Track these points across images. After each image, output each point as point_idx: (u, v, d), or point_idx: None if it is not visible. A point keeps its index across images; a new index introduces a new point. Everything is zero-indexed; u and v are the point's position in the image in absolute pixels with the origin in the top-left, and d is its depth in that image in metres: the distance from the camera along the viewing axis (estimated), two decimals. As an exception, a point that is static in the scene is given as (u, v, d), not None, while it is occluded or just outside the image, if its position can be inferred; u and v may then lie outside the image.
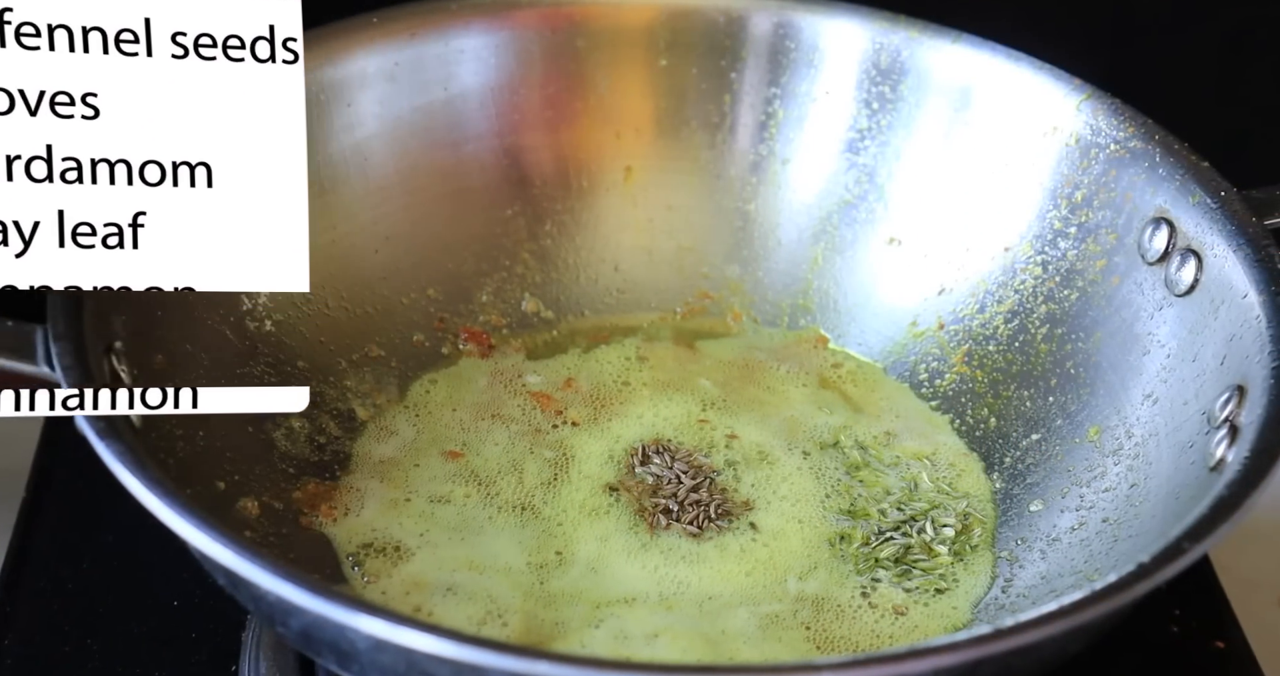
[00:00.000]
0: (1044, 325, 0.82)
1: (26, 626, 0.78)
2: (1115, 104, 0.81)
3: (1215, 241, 0.74)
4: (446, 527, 0.75)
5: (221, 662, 0.76)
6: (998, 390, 0.83)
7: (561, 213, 0.90)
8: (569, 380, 0.84)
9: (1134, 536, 0.70)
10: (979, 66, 0.85)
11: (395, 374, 0.84)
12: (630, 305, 0.90)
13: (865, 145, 0.88)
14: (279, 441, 0.77)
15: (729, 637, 0.70)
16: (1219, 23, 1.01)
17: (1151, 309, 0.77)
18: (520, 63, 0.87)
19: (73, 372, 0.61)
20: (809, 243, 0.90)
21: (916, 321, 0.87)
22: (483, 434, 0.81)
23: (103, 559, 0.81)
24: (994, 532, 0.78)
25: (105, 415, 0.60)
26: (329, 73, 0.82)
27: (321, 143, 0.82)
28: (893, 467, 0.80)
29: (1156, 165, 0.78)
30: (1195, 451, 0.70)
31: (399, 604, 0.71)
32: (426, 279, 0.86)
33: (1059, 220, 0.82)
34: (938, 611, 0.73)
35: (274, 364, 0.79)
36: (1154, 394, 0.75)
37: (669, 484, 0.78)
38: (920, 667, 0.55)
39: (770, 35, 0.88)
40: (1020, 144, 0.84)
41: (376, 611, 0.54)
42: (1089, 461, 0.77)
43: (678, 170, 0.90)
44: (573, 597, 0.72)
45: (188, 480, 0.66)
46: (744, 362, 0.87)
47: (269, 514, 0.73)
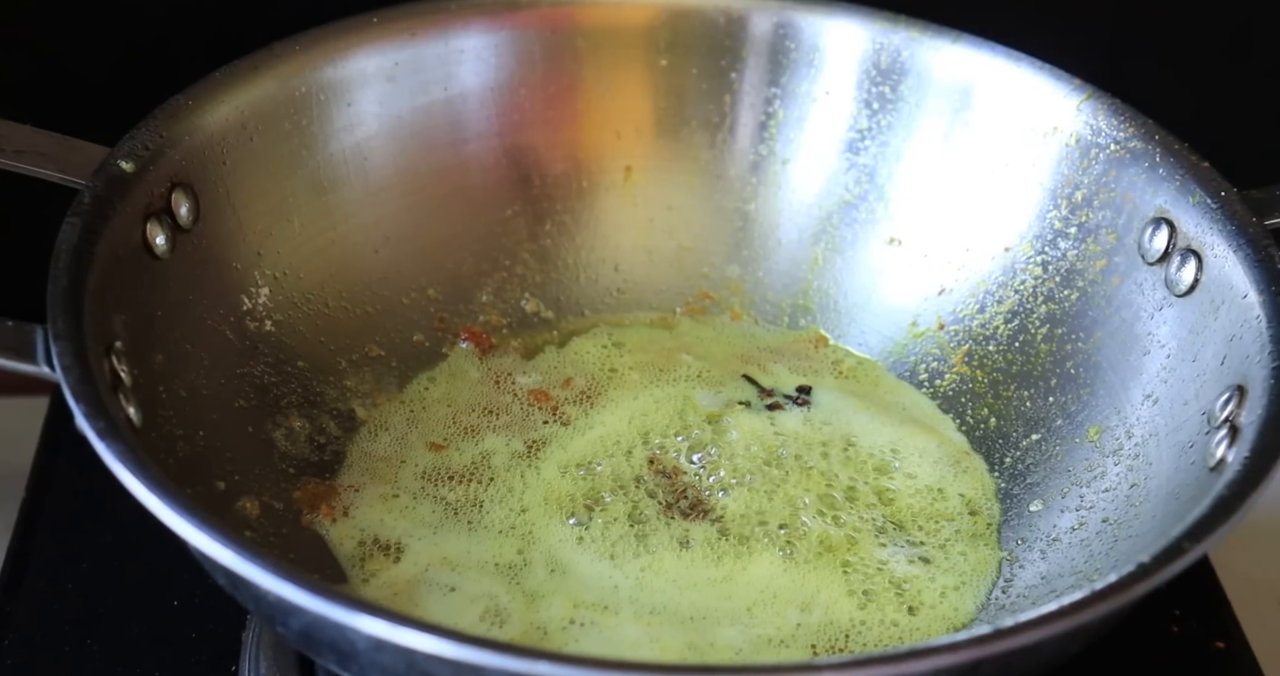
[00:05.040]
0: (1044, 325, 0.82)
1: (26, 626, 0.78)
2: (1115, 104, 0.81)
3: (1215, 241, 0.74)
4: (445, 527, 0.75)
5: (221, 662, 0.76)
6: (998, 390, 0.83)
7: (561, 213, 0.90)
8: (568, 379, 0.84)
9: (1134, 536, 0.71)
10: (979, 66, 0.85)
11: (395, 374, 0.84)
12: (630, 305, 0.90)
13: (865, 145, 0.88)
14: (279, 441, 0.77)
15: (717, 648, 0.70)
16: (1219, 23, 1.00)
17: (1151, 309, 0.77)
18: (520, 63, 0.87)
19: (73, 372, 0.61)
20: (809, 243, 0.90)
21: (916, 321, 0.87)
22: (479, 432, 0.81)
23: (103, 559, 0.81)
24: (995, 532, 0.78)
25: (105, 415, 0.60)
26: (329, 73, 0.82)
27: (321, 143, 0.82)
28: (893, 467, 0.80)
29: (1156, 165, 0.78)
30: (1195, 451, 0.70)
31: (399, 603, 0.71)
32: (426, 279, 0.86)
33: (1059, 220, 0.82)
34: (938, 612, 0.73)
35: (274, 364, 0.79)
36: (1154, 394, 0.75)
37: (663, 482, 0.78)
38: (920, 667, 0.55)
39: (770, 35, 0.88)
40: (1020, 144, 0.84)
41: (376, 611, 0.54)
42: (1089, 461, 0.77)
43: (678, 170, 0.90)
44: (567, 596, 0.72)
45: (188, 480, 0.66)
46: (742, 357, 0.87)
47: (269, 514, 0.73)
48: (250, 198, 0.79)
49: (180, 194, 0.74)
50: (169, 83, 0.77)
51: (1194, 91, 1.02)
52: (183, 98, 0.76)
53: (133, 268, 0.70)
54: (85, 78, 0.95)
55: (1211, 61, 1.02)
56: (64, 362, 0.62)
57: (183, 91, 0.76)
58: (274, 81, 0.80)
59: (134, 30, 0.94)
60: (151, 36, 0.94)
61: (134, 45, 0.94)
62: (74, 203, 0.69)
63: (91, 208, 0.69)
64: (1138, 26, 1.00)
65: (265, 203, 0.80)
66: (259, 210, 0.79)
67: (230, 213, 0.78)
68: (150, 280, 0.72)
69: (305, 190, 0.82)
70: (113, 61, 0.95)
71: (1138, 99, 0.81)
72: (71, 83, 0.94)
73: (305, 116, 0.81)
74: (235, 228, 0.78)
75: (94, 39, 0.94)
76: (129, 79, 0.94)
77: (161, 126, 0.74)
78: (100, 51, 0.95)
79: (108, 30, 0.94)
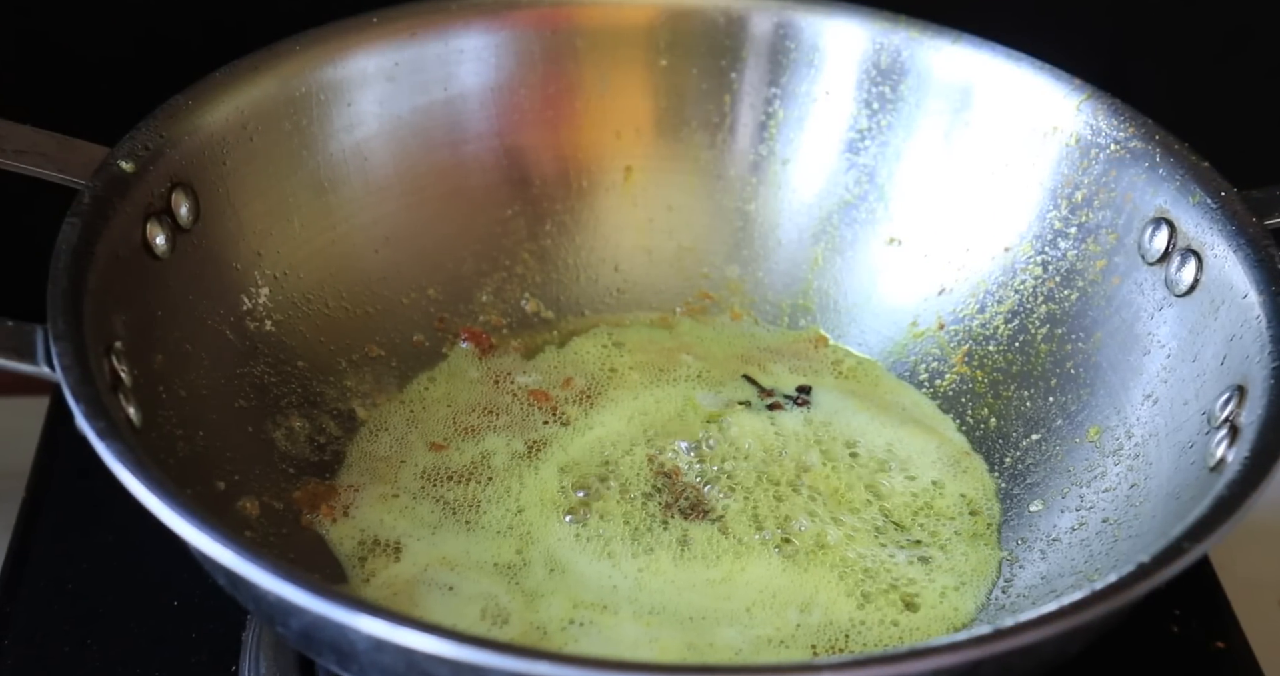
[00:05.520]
0: (1044, 325, 0.82)
1: (26, 626, 0.78)
2: (1115, 104, 0.81)
3: (1215, 241, 0.74)
4: (444, 527, 0.75)
5: (221, 662, 0.76)
6: (998, 390, 0.83)
7: (561, 213, 0.90)
8: (568, 379, 0.84)
9: (1134, 536, 0.71)
10: (979, 66, 0.85)
11: (395, 374, 0.84)
12: (630, 305, 0.90)
13: (865, 145, 0.88)
14: (279, 441, 0.77)
15: (716, 649, 0.70)
16: (1218, 23, 1.01)
17: (1152, 309, 0.77)
18: (520, 63, 0.87)
19: (73, 372, 0.61)
20: (809, 243, 0.90)
21: (916, 321, 0.87)
22: (479, 433, 0.81)
23: (103, 559, 0.81)
24: (995, 532, 0.78)
25: (105, 415, 0.60)
26: (329, 73, 0.82)
27: (321, 143, 0.82)
28: (893, 467, 0.80)
29: (1156, 165, 0.78)
30: (1195, 451, 0.70)
31: (398, 603, 0.71)
32: (426, 279, 0.86)
33: (1059, 220, 0.82)
34: (938, 612, 0.73)
35: (274, 364, 0.79)
36: (1154, 394, 0.75)
37: (662, 482, 0.78)
38: (920, 667, 0.55)
39: (770, 35, 0.88)
40: (1020, 144, 0.84)
41: (376, 611, 0.54)
42: (1089, 461, 0.77)
43: (678, 170, 0.90)
44: (567, 596, 0.72)
45: (188, 480, 0.66)
46: (742, 357, 0.87)
47: (269, 514, 0.73)
48: (250, 198, 0.79)
49: (180, 194, 0.74)
50: (169, 82, 0.77)
51: (1194, 91, 1.02)
52: (183, 98, 0.76)
53: (133, 268, 0.70)
54: (85, 77, 0.95)
55: (1211, 61, 1.02)
56: (64, 362, 0.62)
57: (183, 91, 0.76)
58: (274, 81, 0.80)
59: (134, 30, 0.94)
60: (152, 36, 0.94)
61: (134, 45, 0.95)
62: (74, 203, 0.69)
63: (91, 208, 0.69)
64: (1138, 26, 1.00)
65: (265, 203, 0.80)
66: (259, 210, 0.79)
67: (230, 213, 0.78)
68: (150, 280, 0.72)
69: (305, 190, 0.82)
70: (113, 61, 0.95)
71: (1138, 99, 0.81)
72: (71, 82, 0.95)
73: (305, 116, 0.81)
74: (235, 228, 0.78)
75: (94, 39, 0.94)
76: (129, 78, 0.94)
77: (161, 126, 0.74)
78: (100, 51, 0.95)
79: (108, 30, 0.94)
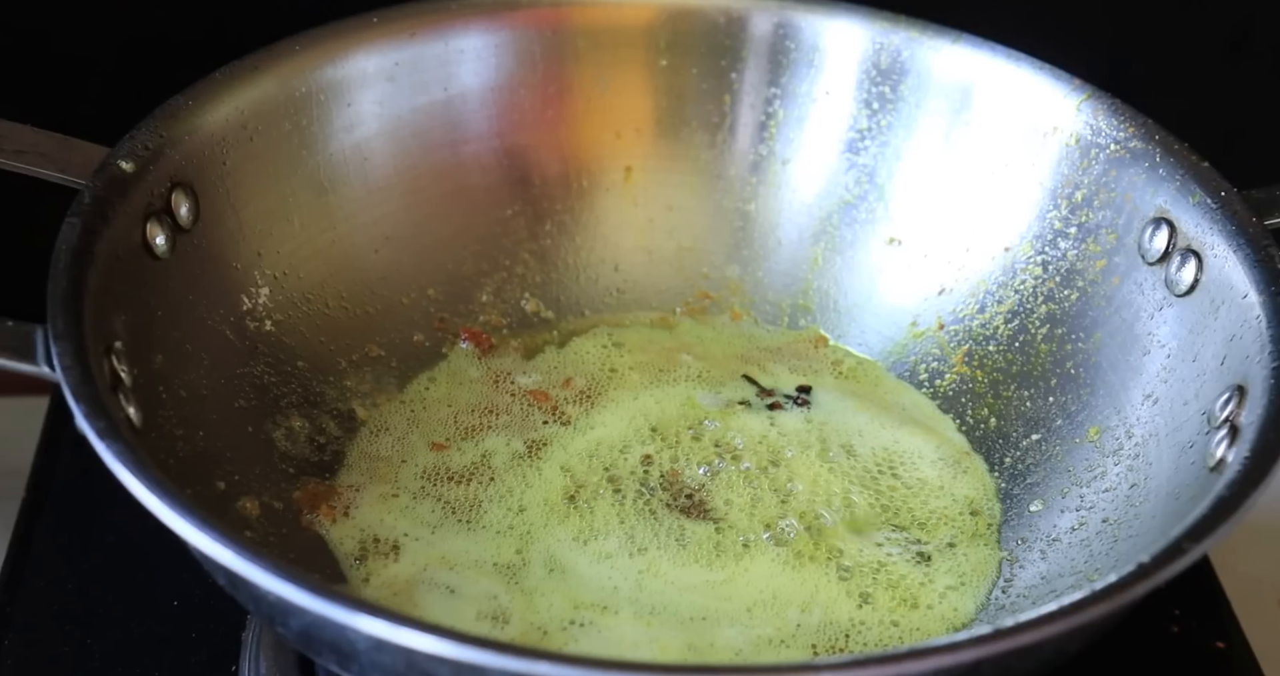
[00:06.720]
0: (1044, 325, 0.82)
1: (26, 626, 0.78)
2: (1115, 104, 0.81)
3: (1215, 241, 0.74)
4: (444, 527, 0.75)
5: (221, 662, 0.76)
6: (998, 390, 0.83)
7: (561, 213, 0.90)
8: (568, 379, 0.84)
9: (1134, 536, 0.71)
10: (979, 66, 0.85)
11: (395, 374, 0.84)
12: (630, 305, 0.90)
13: (865, 145, 0.88)
14: (279, 441, 0.77)
15: (717, 649, 0.70)
16: (1218, 23, 1.01)
17: (1151, 309, 0.77)
18: (520, 63, 0.87)
19: (73, 372, 0.61)
20: (809, 243, 0.90)
21: (916, 321, 0.87)
22: (479, 433, 0.81)
23: (103, 559, 0.81)
24: (995, 532, 0.78)
25: (105, 415, 0.60)
26: (329, 73, 0.82)
27: (321, 143, 0.82)
28: (893, 467, 0.80)
29: (1156, 165, 0.78)
30: (1195, 451, 0.70)
31: (398, 603, 0.71)
32: (426, 279, 0.86)
33: (1059, 220, 0.82)
34: (938, 612, 0.73)
35: (274, 364, 0.79)
36: (1154, 394, 0.75)
37: (662, 482, 0.78)
38: (920, 667, 0.55)
39: (770, 35, 0.88)
40: (1020, 144, 0.84)
41: (376, 611, 0.54)
42: (1089, 461, 0.77)
43: (678, 170, 0.90)
44: (567, 596, 0.72)
45: (188, 480, 0.66)
46: (742, 357, 0.87)
47: (269, 514, 0.73)
48: (250, 198, 0.79)
49: (180, 194, 0.74)
50: (169, 82, 0.77)
51: (1194, 91, 1.02)
52: (183, 98, 0.76)
53: (133, 268, 0.70)
54: (85, 77, 0.95)
55: (1211, 62, 1.02)
56: (64, 362, 0.62)
57: (183, 91, 0.76)
58: (274, 81, 0.80)
59: (134, 30, 0.94)
60: (152, 36, 0.94)
61: (134, 45, 0.94)
62: (74, 203, 0.69)
63: (91, 208, 0.69)
64: (1138, 26, 1.00)
65: (265, 203, 0.80)
66: (259, 210, 0.79)
67: (230, 213, 0.78)
68: (150, 280, 0.72)
69: (305, 190, 0.82)
70: (113, 61, 0.95)
71: (1138, 99, 0.81)
72: (72, 82, 0.94)
73: (305, 116, 0.81)
74: (235, 228, 0.78)
75: (94, 39, 0.94)
76: (129, 78, 0.94)
77: (161, 126, 0.74)
78: (101, 51, 0.95)
79: (108, 30, 0.94)
